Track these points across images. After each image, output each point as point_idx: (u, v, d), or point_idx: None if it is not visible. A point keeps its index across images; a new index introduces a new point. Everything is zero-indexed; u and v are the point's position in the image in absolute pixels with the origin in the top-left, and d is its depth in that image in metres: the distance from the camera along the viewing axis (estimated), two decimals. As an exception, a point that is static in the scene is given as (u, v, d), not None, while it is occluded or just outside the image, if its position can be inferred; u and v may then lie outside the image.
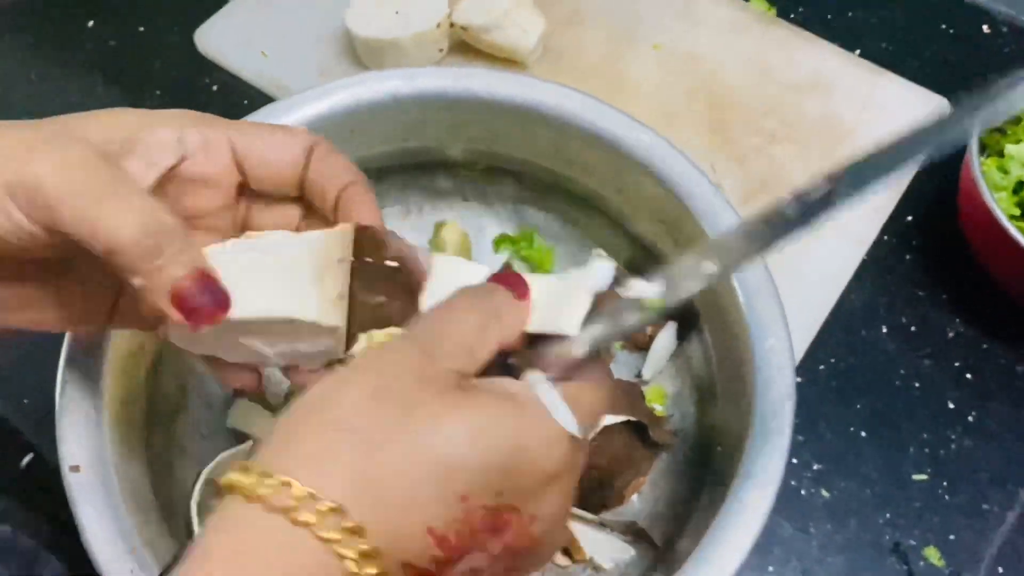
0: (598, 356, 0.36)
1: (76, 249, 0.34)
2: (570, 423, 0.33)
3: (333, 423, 0.30)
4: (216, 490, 0.30)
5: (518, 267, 0.66)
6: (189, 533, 0.55)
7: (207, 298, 0.35)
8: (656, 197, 0.55)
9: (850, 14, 0.82)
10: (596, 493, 0.57)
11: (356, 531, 0.28)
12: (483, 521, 0.31)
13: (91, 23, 0.84)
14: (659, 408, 0.60)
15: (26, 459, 0.65)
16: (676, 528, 0.54)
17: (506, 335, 0.35)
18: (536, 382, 0.33)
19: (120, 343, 0.53)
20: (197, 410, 0.60)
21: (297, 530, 0.28)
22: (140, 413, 0.56)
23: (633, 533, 0.57)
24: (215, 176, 0.39)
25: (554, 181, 0.62)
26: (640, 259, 0.61)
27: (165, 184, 0.38)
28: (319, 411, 0.30)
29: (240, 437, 0.60)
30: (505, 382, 0.33)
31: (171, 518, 0.55)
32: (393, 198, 0.66)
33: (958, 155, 0.64)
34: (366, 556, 0.28)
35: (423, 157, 0.63)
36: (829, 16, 0.82)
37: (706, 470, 0.54)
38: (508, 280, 0.36)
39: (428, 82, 0.58)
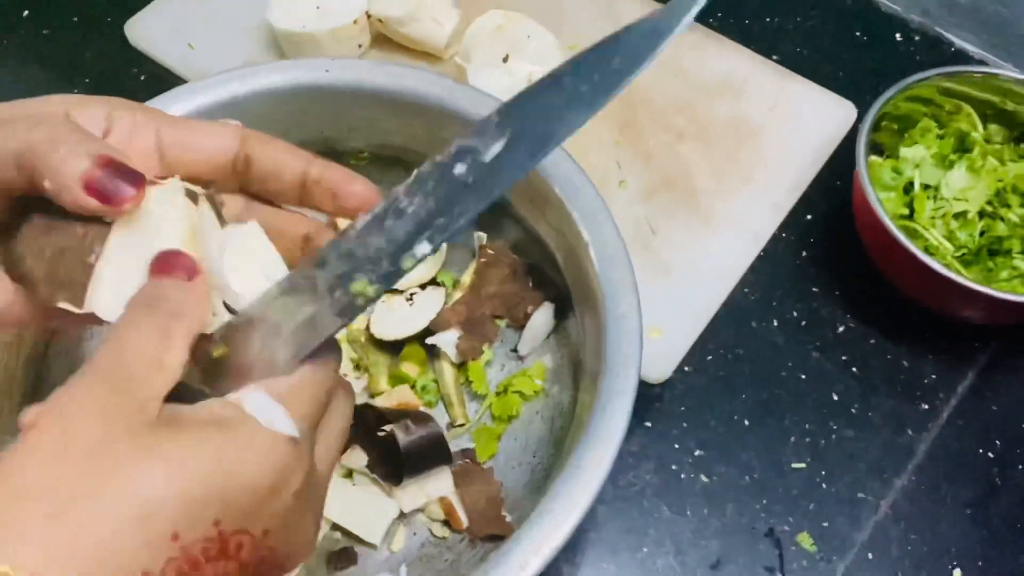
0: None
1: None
2: (285, 426, 0.33)
3: (18, 492, 0.29)
4: None
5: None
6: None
7: (118, 180, 0.35)
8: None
9: (768, 20, 0.84)
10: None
11: None
12: (206, 552, 0.30)
13: (26, 12, 0.87)
14: (539, 383, 0.61)
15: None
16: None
17: (192, 327, 0.34)
18: (244, 396, 0.33)
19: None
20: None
21: None
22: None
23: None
24: (135, 156, 0.38)
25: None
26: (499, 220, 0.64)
27: None
28: (2, 484, 0.29)
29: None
30: (213, 404, 0.33)
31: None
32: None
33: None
34: None
35: (320, 147, 0.65)
36: (747, 21, 0.84)
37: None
38: (171, 264, 0.35)
39: (300, 75, 0.60)
